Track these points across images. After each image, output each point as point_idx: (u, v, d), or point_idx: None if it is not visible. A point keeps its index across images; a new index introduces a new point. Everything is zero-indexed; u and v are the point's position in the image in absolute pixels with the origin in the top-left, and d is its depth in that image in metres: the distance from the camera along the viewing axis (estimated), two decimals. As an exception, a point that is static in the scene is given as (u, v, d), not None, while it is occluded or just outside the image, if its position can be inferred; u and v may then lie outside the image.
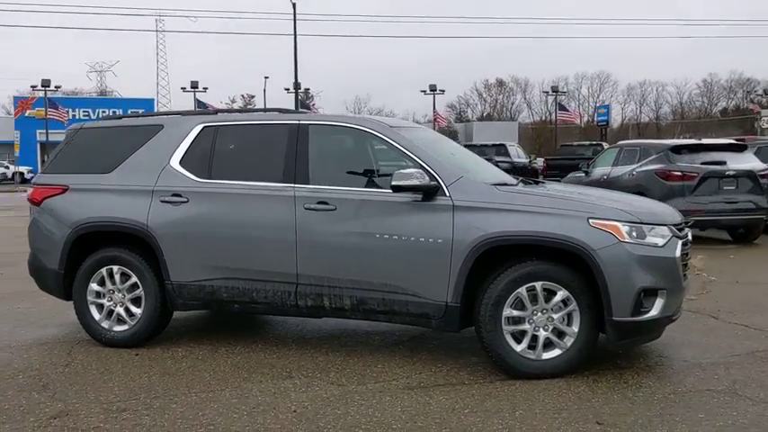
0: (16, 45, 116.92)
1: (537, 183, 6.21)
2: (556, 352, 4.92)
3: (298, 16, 38.93)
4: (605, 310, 4.77)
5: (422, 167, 5.12)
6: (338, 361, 5.35)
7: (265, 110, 5.98)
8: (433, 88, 50.22)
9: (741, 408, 4.30)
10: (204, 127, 5.76)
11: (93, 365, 5.33)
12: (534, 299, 4.89)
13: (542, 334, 4.91)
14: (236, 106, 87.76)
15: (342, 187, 5.32)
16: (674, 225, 5.10)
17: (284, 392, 4.68)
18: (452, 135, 60.65)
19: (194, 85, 47.72)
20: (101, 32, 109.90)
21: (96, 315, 5.83)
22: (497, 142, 26.08)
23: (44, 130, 56.59)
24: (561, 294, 4.86)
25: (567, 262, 4.87)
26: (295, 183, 5.37)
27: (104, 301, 5.81)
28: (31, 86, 47.42)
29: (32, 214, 6.13)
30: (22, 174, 49.58)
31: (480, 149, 25.58)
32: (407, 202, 5.11)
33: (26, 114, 51.58)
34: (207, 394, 4.68)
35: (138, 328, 5.73)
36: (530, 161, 24.86)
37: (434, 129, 52.33)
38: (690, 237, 5.41)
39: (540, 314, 4.91)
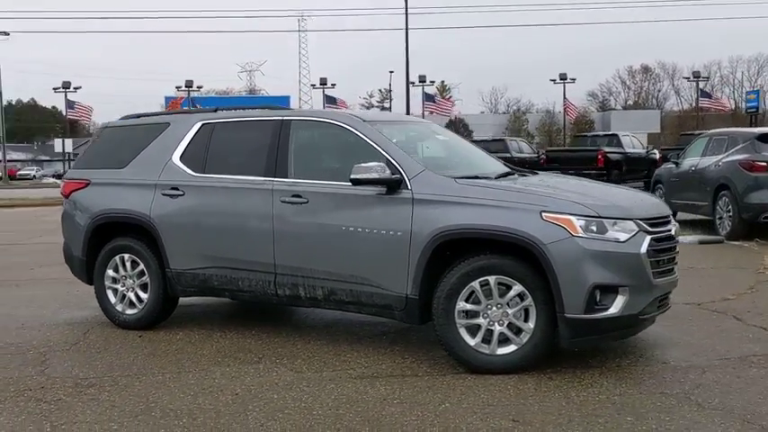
0: (176, 48, 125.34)
1: (534, 174, 6.09)
2: (511, 348, 4.84)
3: (433, 9, 39.02)
4: (557, 306, 4.65)
5: (387, 161, 5.19)
6: (313, 349, 5.53)
7: (257, 107, 6.22)
8: (563, 77, 48.83)
9: (679, 413, 4.07)
10: (203, 124, 6.11)
11: (97, 345, 5.82)
12: (489, 293, 4.84)
13: (497, 329, 4.85)
14: (373, 101, 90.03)
15: (314, 181, 5.48)
16: (646, 219, 4.85)
17: (241, 376, 4.92)
18: (586, 125, 58.52)
19: (323, 82, 49.27)
20: (251, 34, 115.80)
21: (112, 299, 6.35)
22: (609, 132, 25.10)
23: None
24: (516, 289, 4.78)
25: (522, 256, 4.77)
26: (275, 177, 5.60)
27: (118, 286, 6.32)
28: (176, 87, 50.73)
29: (64, 206, 6.75)
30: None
31: (592, 140, 24.77)
32: (372, 195, 5.19)
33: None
34: (173, 375, 5.01)
35: (145, 313, 6.19)
36: (647, 151, 23.66)
37: (564, 118, 51.01)
38: (674, 231, 5.13)
39: (494, 309, 4.84)
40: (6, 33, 39.10)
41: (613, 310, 4.67)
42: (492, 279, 4.82)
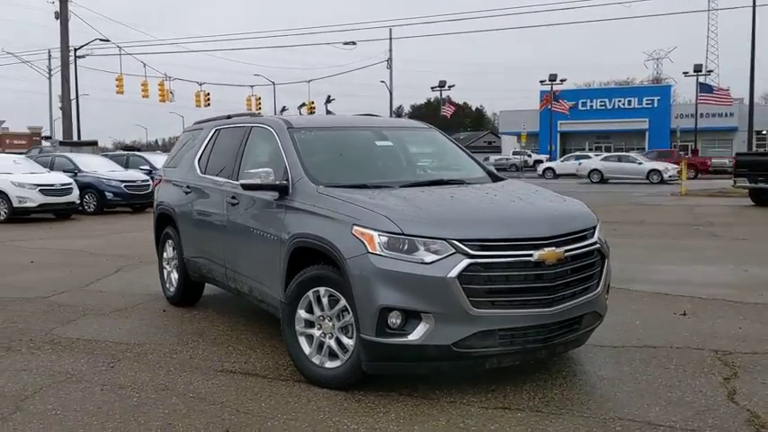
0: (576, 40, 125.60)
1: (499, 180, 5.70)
2: (337, 362, 4.70)
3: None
4: (355, 324, 4.41)
5: (285, 167, 5.35)
6: (236, 341, 5.90)
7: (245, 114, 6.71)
8: None
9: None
10: (215, 130, 6.87)
11: (126, 313, 7.03)
12: (322, 304, 4.76)
13: (327, 341, 4.75)
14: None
15: (243, 184, 5.84)
16: (474, 240, 4.24)
17: (147, 353, 5.61)
18: None
19: (697, 69, 45.15)
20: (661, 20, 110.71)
21: (165, 277, 7.53)
22: None
23: (566, 121, 60.72)
24: (343, 303, 4.63)
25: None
26: (231, 179, 6.11)
27: (167, 267, 7.47)
28: (540, 81, 51.24)
29: (155, 197, 8.14)
30: (540, 161, 54.14)
31: None
32: (270, 200, 5.39)
33: (549, 107, 56.05)
34: (103, 344, 5.91)
35: (175, 292, 7.24)
36: None
37: None
38: (537, 257, 4.32)
39: (327, 321, 4.75)
40: (353, 43, 44.01)
41: (413, 337, 4.24)
42: (322, 290, 4.73)
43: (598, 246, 4.78)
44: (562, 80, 51.56)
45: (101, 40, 39.76)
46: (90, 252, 11.71)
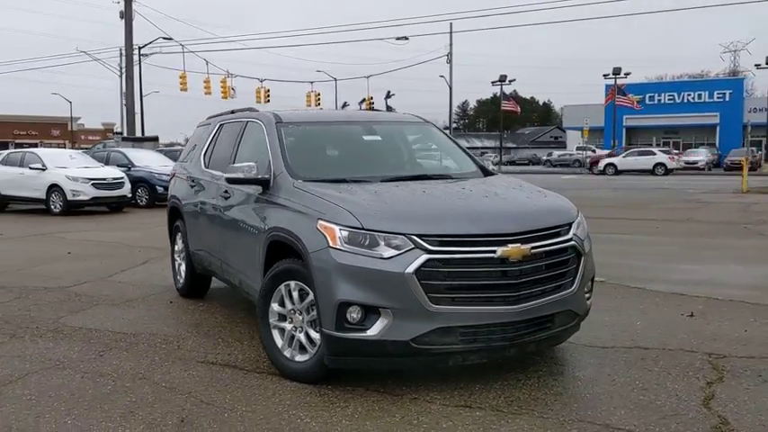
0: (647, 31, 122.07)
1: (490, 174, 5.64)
2: (306, 356, 4.71)
3: None
4: (318, 318, 4.42)
5: (267, 161, 5.40)
6: (232, 332, 6.00)
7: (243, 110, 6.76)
8: None
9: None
10: (219, 125, 6.97)
11: (136, 303, 7.22)
12: (293, 298, 4.78)
13: (297, 335, 4.77)
14: None
15: (235, 178, 5.91)
16: (433, 236, 4.19)
17: (135, 344, 5.74)
18: None
19: (769, 62, 43.31)
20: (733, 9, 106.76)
21: (176, 268, 7.69)
22: None
23: (632, 116, 59.23)
24: (312, 296, 4.63)
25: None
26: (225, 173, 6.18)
27: (178, 258, 7.63)
28: (603, 75, 49.96)
29: (170, 191, 8.30)
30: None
31: None
32: (254, 194, 5.44)
33: (614, 102, 54.66)
34: (87, 331, 6.10)
35: (183, 284, 7.39)
36: None
37: None
38: (501, 253, 4.23)
39: (297, 315, 4.77)
40: (406, 38, 43.75)
41: (372, 332, 4.22)
42: (293, 284, 4.75)
43: (573, 243, 4.64)
44: (627, 74, 50.18)
45: (164, 38, 40.83)
46: (126, 244, 12.06)
